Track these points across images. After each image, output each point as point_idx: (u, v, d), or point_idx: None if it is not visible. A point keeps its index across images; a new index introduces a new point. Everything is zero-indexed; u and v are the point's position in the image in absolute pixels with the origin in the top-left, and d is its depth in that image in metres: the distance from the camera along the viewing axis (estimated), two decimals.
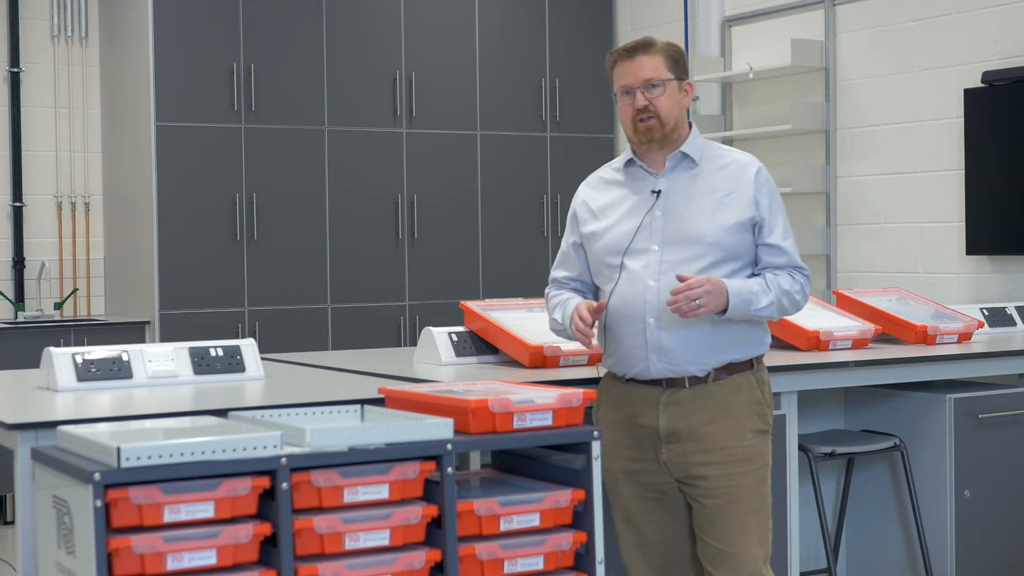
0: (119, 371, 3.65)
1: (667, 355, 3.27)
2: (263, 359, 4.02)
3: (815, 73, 7.17)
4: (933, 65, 6.61)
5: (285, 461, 2.58)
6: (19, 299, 7.32)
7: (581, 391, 2.95)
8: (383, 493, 2.70)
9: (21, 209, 7.35)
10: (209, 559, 2.53)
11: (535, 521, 2.87)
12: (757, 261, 3.36)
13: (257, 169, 7.21)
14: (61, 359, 3.60)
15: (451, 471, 2.73)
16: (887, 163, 6.85)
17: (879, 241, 6.89)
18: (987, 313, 5.24)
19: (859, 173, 6.99)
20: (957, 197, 6.47)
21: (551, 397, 2.92)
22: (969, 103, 6.34)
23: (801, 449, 4.13)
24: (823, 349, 4.43)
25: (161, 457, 2.49)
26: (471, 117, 7.83)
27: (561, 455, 2.99)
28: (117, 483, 2.46)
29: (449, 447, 2.73)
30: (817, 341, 4.42)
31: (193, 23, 7.07)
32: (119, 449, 2.45)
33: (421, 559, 2.71)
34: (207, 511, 2.53)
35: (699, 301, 3.15)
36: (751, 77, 7.32)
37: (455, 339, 4.21)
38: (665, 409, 3.29)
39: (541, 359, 3.98)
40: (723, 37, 7.65)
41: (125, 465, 2.46)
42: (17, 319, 7.18)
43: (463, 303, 4.32)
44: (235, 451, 2.55)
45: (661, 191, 3.34)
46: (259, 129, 7.21)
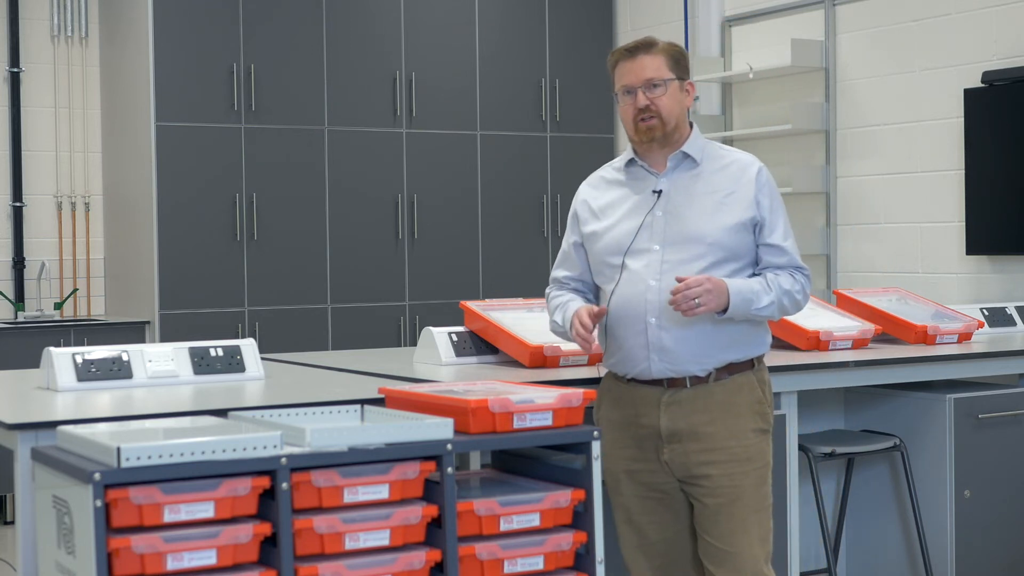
0: (119, 371, 3.65)
1: (668, 355, 3.27)
2: (263, 359, 4.02)
3: (815, 73, 7.16)
4: (933, 65, 6.60)
5: (285, 461, 2.58)
6: (19, 299, 7.32)
7: (581, 391, 2.95)
8: (383, 493, 2.70)
9: (21, 209, 7.35)
10: (209, 559, 2.53)
11: (535, 521, 2.86)
12: (758, 261, 3.36)
13: (257, 169, 7.21)
14: (61, 359, 3.60)
15: (451, 471, 2.73)
16: (887, 163, 6.85)
17: (879, 241, 6.89)
18: (987, 313, 5.24)
19: (859, 173, 6.99)
20: (957, 197, 6.47)
21: (551, 397, 2.92)
22: (969, 103, 6.34)
23: (801, 449, 4.13)
24: (823, 349, 4.43)
25: (161, 457, 2.49)
26: (471, 117, 7.82)
27: (561, 455, 2.99)
28: (117, 483, 2.46)
29: (449, 447, 2.73)
30: (817, 341, 4.42)
31: (193, 23, 7.07)
32: (119, 449, 2.45)
33: (421, 559, 2.71)
34: (207, 511, 2.53)
35: (699, 300, 3.15)
36: (751, 77, 7.32)
37: (455, 339, 4.21)
38: (666, 409, 3.29)
39: (541, 359, 3.98)
40: (723, 37, 7.65)
41: (125, 465, 2.46)
42: (17, 319, 7.18)
43: (463, 303, 4.32)
44: (235, 451, 2.55)
45: (662, 191, 3.34)
46: (259, 129, 7.21)
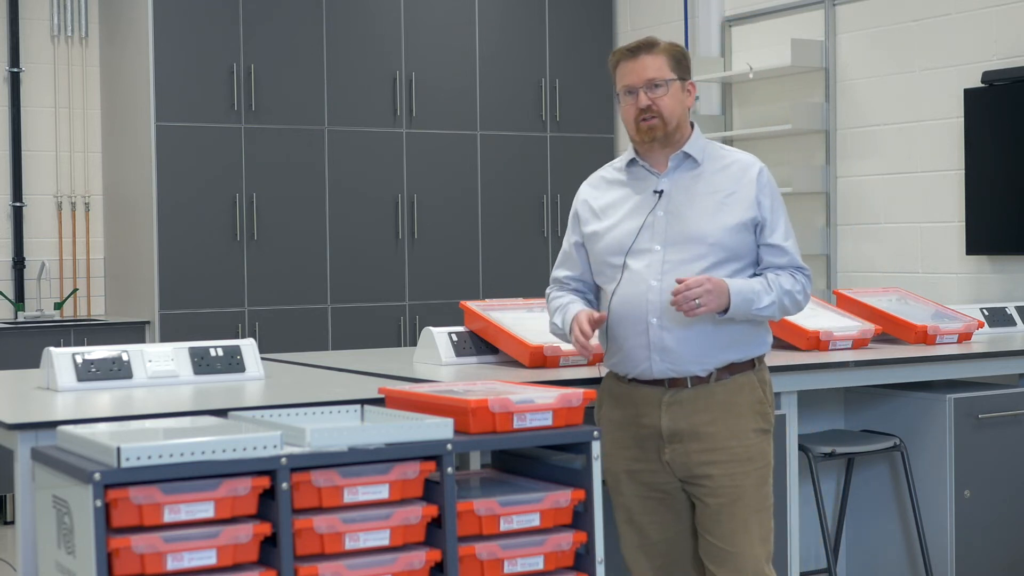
0: (119, 371, 3.65)
1: (669, 355, 3.27)
2: (263, 359, 4.02)
3: (815, 73, 7.16)
4: (933, 65, 6.60)
5: (285, 461, 2.58)
6: (19, 299, 7.32)
7: (581, 391, 2.95)
8: (383, 493, 2.70)
9: (21, 209, 7.35)
10: (209, 559, 2.52)
11: (535, 521, 2.86)
12: (759, 261, 3.36)
13: (257, 169, 7.21)
14: (61, 359, 3.60)
15: (451, 471, 2.73)
16: (887, 163, 6.85)
17: (879, 241, 6.89)
18: (987, 313, 5.24)
19: (859, 173, 6.99)
20: (957, 197, 6.47)
21: (551, 397, 2.92)
22: (969, 103, 6.34)
23: (801, 449, 4.13)
24: (823, 349, 4.43)
25: (161, 457, 2.48)
26: (471, 117, 7.82)
27: (561, 455, 2.99)
28: (117, 483, 2.45)
29: (449, 447, 2.73)
30: (817, 341, 4.42)
31: (193, 23, 7.07)
32: (119, 449, 2.45)
33: (421, 559, 2.71)
34: (207, 511, 2.53)
35: (699, 300, 3.15)
36: (751, 77, 7.31)
37: (455, 339, 4.21)
38: (667, 409, 3.29)
39: (541, 359, 3.98)
40: (723, 37, 7.65)
41: (125, 465, 2.45)
42: (17, 319, 7.18)
43: (463, 303, 4.32)
44: (235, 451, 2.55)
45: (663, 191, 3.34)
46: (259, 129, 7.21)
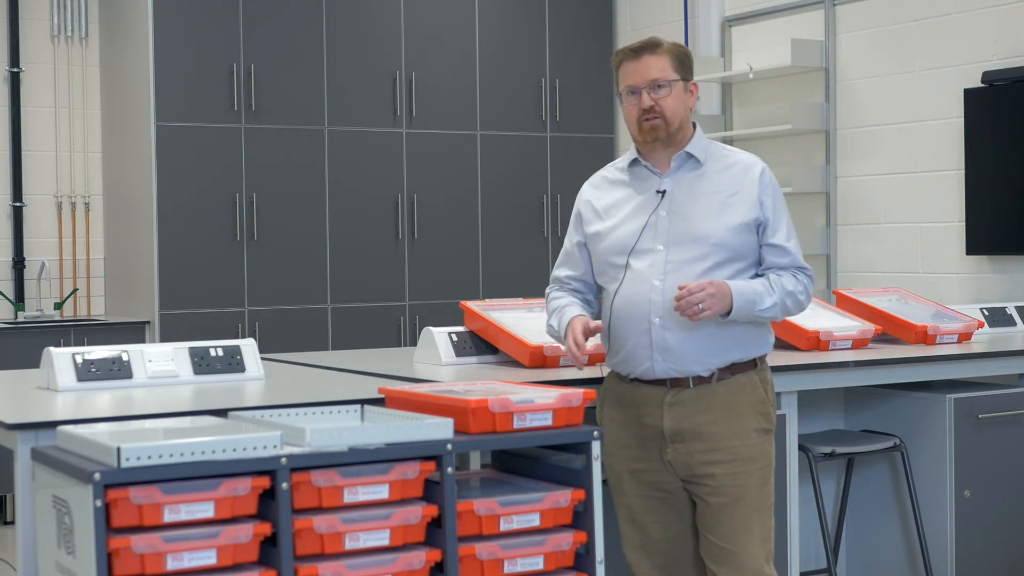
0: (119, 371, 3.65)
1: (672, 355, 3.27)
2: (263, 359, 4.02)
3: (815, 73, 7.16)
4: (933, 65, 6.60)
5: (285, 461, 2.58)
6: (19, 299, 7.32)
7: (581, 391, 2.96)
8: (383, 493, 2.70)
9: (21, 209, 7.35)
10: (209, 559, 2.53)
11: (535, 521, 2.86)
12: (761, 261, 3.36)
13: (257, 169, 7.21)
14: (61, 359, 3.60)
15: (451, 471, 2.73)
16: (887, 163, 6.85)
17: (879, 241, 6.89)
18: (987, 313, 5.24)
19: (859, 173, 6.99)
20: (957, 197, 6.47)
21: (551, 397, 2.92)
22: (969, 103, 6.34)
23: (801, 449, 4.13)
24: (823, 349, 4.43)
25: (161, 457, 2.48)
26: (471, 117, 7.82)
27: (561, 455, 2.99)
28: (117, 483, 2.45)
29: (449, 447, 2.73)
30: (817, 341, 4.42)
31: (193, 23, 7.07)
32: (119, 449, 2.45)
33: (421, 559, 2.71)
34: (207, 511, 2.53)
35: (703, 304, 3.15)
36: (751, 77, 7.31)
37: (455, 339, 4.21)
38: (669, 409, 3.29)
39: (541, 359, 3.98)
40: (723, 37, 7.65)
41: (125, 465, 2.45)
42: (17, 319, 7.18)
43: (463, 303, 4.32)
44: (235, 451, 2.55)
45: (666, 191, 3.34)
46: (259, 129, 7.21)
